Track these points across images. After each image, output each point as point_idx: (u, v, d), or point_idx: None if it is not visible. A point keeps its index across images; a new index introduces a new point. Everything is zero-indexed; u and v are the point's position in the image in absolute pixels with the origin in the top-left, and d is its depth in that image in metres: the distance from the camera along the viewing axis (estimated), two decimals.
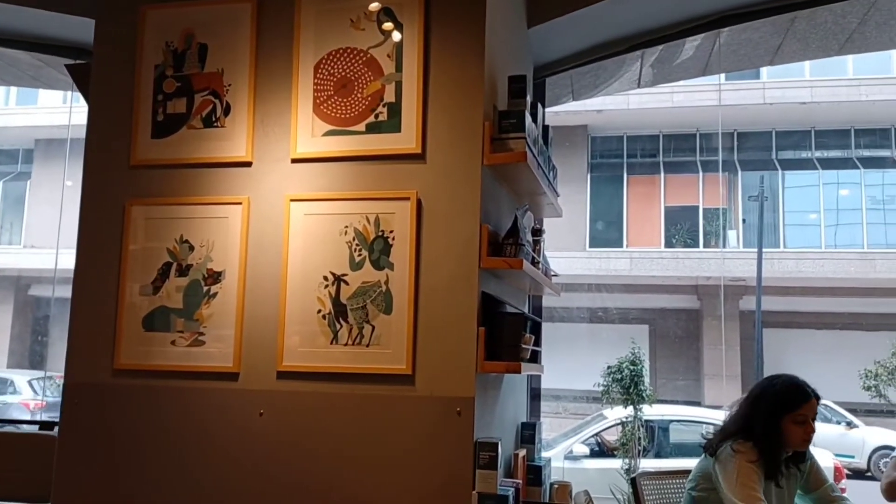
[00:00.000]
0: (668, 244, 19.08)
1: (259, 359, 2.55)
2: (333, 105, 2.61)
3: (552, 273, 3.23)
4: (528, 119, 2.57)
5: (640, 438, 6.53)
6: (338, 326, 2.49)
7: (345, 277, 2.50)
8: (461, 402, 2.36)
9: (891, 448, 11.36)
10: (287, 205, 2.59)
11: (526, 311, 3.25)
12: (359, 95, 2.59)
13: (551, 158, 3.12)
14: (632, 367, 6.59)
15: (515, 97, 2.62)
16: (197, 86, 2.76)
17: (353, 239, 2.51)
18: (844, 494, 2.72)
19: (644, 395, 6.45)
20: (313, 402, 2.49)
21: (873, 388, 6.90)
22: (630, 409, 6.48)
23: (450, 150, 2.49)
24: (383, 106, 2.56)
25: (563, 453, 7.42)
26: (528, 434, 3.05)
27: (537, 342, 2.85)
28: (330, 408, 2.48)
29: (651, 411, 6.80)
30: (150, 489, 2.58)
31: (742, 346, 18.13)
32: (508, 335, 2.45)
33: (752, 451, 2.49)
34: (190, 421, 2.59)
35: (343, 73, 2.61)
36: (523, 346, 2.52)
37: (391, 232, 2.48)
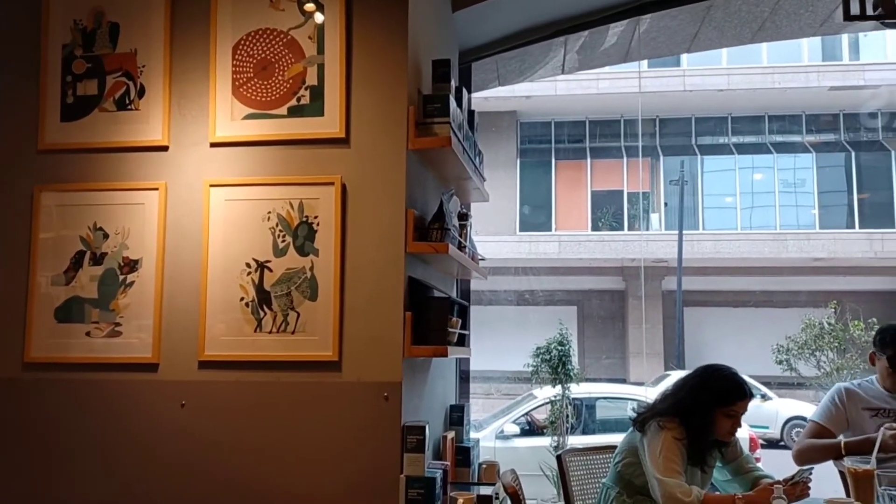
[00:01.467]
0: (595, 227, 19.53)
1: (179, 349, 2.48)
2: (253, 88, 2.54)
3: (479, 257, 3.25)
4: (453, 104, 2.57)
5: (568, 416, 6.68)
6: (262, 314, 2.44)
7: (268, 264, 2.46)
8: (388, 386, 2.36)
9: (802, 418, 12.01)
10: (206, 190, 2.52)
11: (454, 295, 3.27)
12: (280, 78, 2.53)
13: (477, 143, 3.13)
14: (559, 348, 6.72)
15: (440, 81, 2.61)
16: (109, 67, 2.65)
17: (277, 225, 2.47)
18: (759, 464, 2.85)
19: (571, 374, 6.60)
20: (237, 392, 2.44)
21: (785, 362, 7.26)
22: (558, 389, 6.62)
23: (374, 134, 2.47)
24: (305, 89, 2.51)
25: (494, 433, 7.54)
26: (456, 416, 3.07)
27: (464, 325, 2.87)
28: (255, 397, 2.44)
29: (578, 390, 6.96)
30: (65, 488, 2.49)
31: (664, 324, 18.78)
32: (435, 319, 2.46)
33: (679, 428, 2.56)
34: (107, 414, 2.50)
35: (263, 55, 2.55)
36: (450, 329, 2.53)
37: (315, 217, 2.45)
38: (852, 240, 18.19)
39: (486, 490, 2.74)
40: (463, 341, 2.87)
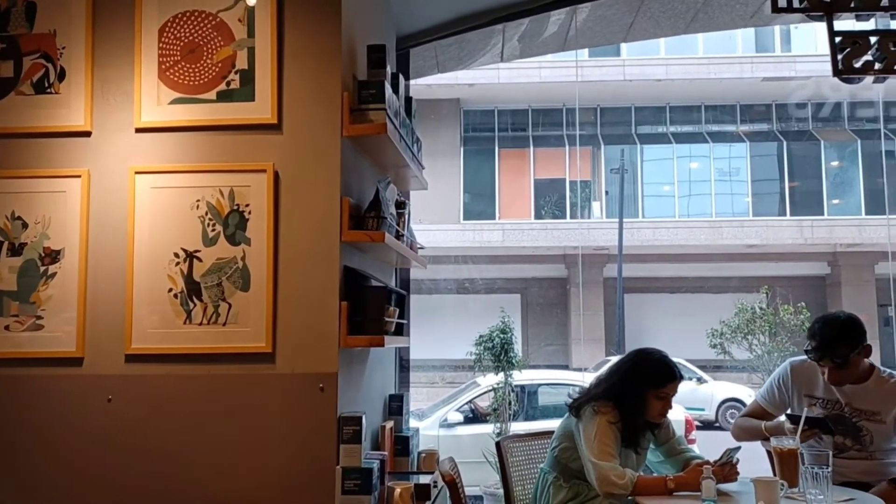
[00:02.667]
0: (538, 216, 19.74)
1: (105, 342, 2.39)
2: (181, 71, 2.46)
3: (418, 245, 3.23)
4: (389, 90, 2.54)
5: (510, 403, 6.73)
6: (191, 305, 2.37)
7: (198, 254, 2.38)
8: (324, 377, 2.32)
9: (736, 400, 12.43)
10: (132, 177, 2.43)
11: (392, 284, 3.24)
12: (208, 62, 2.45)
13: (415, 131, 3.10)
14: (502, 336, 6.75)
15: (375, 67, 2.57)
16: (25, 48, 2.52)
17: (206, 213, 2.40)
18: (692, 446, 2.92)
19: (514, 361, 6.64)
20: (167, 386, 2.37)
21: (719, 346, 7.48)
22: (501, 376, 6.65)
23: (307, 120, 2.42)
24: (235, 73, 2.44)
25: (438, 422, 7.55)
26: (395, 406, 3.06)
27: (403, 315, 2.85)
28: (186, 390, 2.37)
29: (521, 377, 7.01)
30: None
31: (606, 310, 19.14)
32: (372, 309, 2.43)
33: (613, 412, 2.61)
34: (29, 410, 2.40)
35: (190, 38, 2.46)
36: (387, 319, 2.51)
37: (247, 206, 2.39)
38: (783, 227, 18.86)
39: (425, 479, 2.73)
40: (401, 331, 2.86)
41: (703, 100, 19.75)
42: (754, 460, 2.96)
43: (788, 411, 2.76)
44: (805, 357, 2.83)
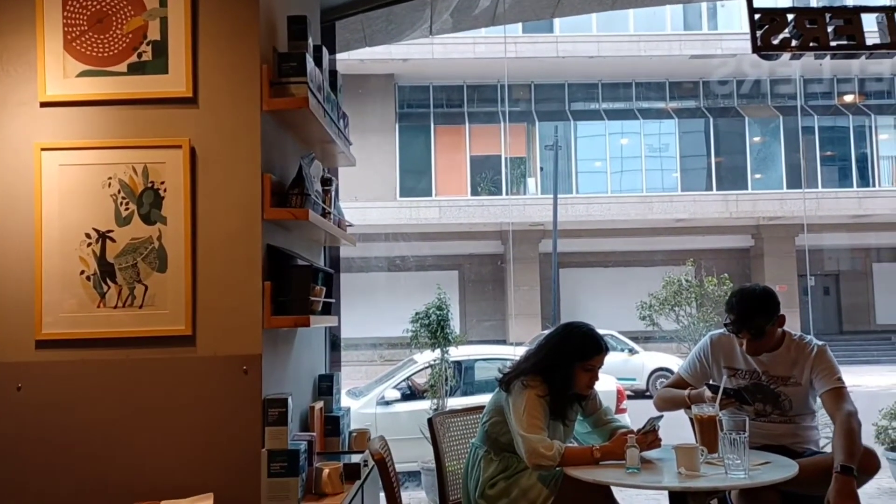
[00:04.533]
0: (475, 192, 19.80)
1: (12, 328, 2.27)
2: (88, 42, 2.33)
3: (347, 223, 3.17)
4: (311, 63, 2.47)
5: (447, 379, 6.75)
6: (105, 288, 2.27)
7: (110, 234, 2.28)
8: (247, 359, 2.27)
9: (665, 369, 12.85)
10: (37, 154, 2.29)
11: (320, 263, 3.18)
12: (118, 32, 2.33)
13: (341, 105, 3.03)
14: (438, 312, 6.74)
15: (296, 39, 2.49)
16: None
17: (119, 191, 2.29)
18: (623, 415, 2.98)
19: (450, 337, 6.65)
20: (81, 372, 2.27)
21: (648, 318, 7.69)
22: (438, 352, 6.66)
23: (225, 94, 2.33)
24: (147, 44, 2.32)
25: (375, 399, 7.53)
26: (325, 386, 3.02)
27: (330, 294, 2.80)
28: (101, 376, 2.27)
29: (457, 352, 7.05)
30: None
31: (541, 285, 19.46)
32: (296, 288, 2.38)
33: (542, 386, 2.64)
34: None
35: (98, 7, 2.33)
36: (313, 298, 2.46)
37: (162, 183, 2.29)
38: (710, 201, 19.47)
39: (355, 458, 2.71)
40: (329, 310, 2.81)
41: (634, 77, 20.10)
42: (678, 428, 3.05)
43: (710, 381, 2.85)
44: (724, 330, 2.91)
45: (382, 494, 2.65)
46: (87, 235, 2.28)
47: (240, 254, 2.29)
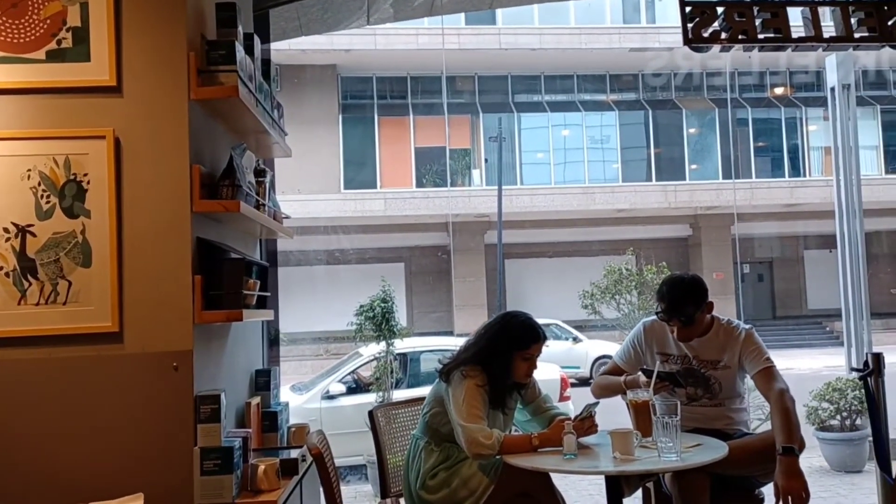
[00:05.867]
0: (420, 184, 19.77)
1: None
2: (2, 28, 2.22)
3: (284, 216, 3.12)
4: (241, 51, 2.41)
5: (392, 371, 6.73)
6: (26, 284, 2.18)
7: (31, 228, 2.19)
8: (178, 356, 2.21)
9: (608, 356, 13.10)
10: None
11: (256, 256, 3.12)
12: (34, 17, 2.23)
13: (275, 96, 2.97)
14: (383, 305, 6.71)
15: (224, 27, 2.43)
16: None
17: (39, 184, 2.20)
18: (567, 402, 3.01)
19: (395, 330, 6.63)
20: (3, 373, 2.17)
21: (590, 307, 7.83)
22: (383, 345, 6.64)
23: (150, 82, 2.25)
24: (67, 30, 2.23)
25: (320, 394, 7.46)
26: (263, 381, 2.97)
27: (265, 287, 2.75)
28: (24, 376, 2.18)
29: (403, 345, 7.04)
30: None
31: (487, 276, 19.57)
32: (229, 282, 2.32)
33: (481, 375, 2.65)
34: None
35: None
36: (246, 292, 2.41)
37: (85, 175, 2.21)
38: (650, 192, 19.90)
39: (294, 454, 2.68)
40: (264, 304, 2.76)
41: (576, 69, 20.34)
42: (615, 413, 3.10)
43: (644, 367, 2.90)
44: (656, 317, 2.97)
45: None
46: (6, 230, 2.18)
47: (168, 247, 2.23)
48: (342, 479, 6.76)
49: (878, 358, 3.11)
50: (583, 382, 12.19)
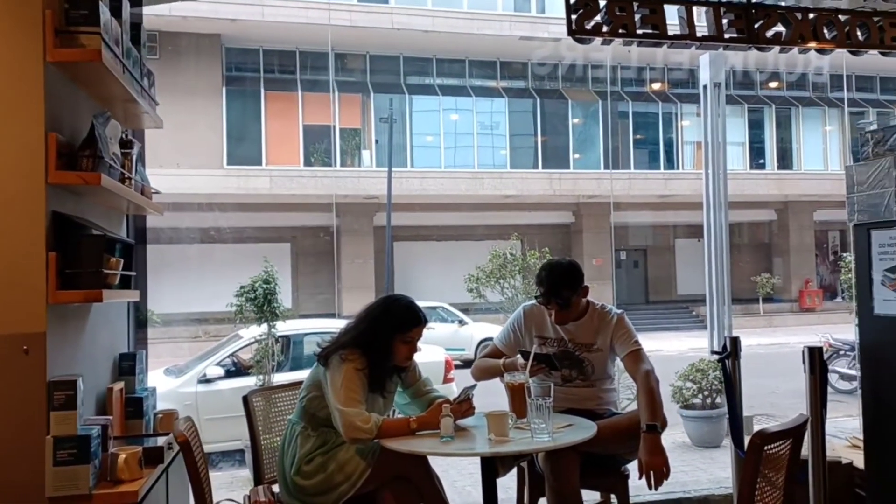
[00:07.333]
0: (307, 163, 19.34)
1: None
2: None
3: (153, 190, 2.94)
4: (106, 12, 2.23)
5: (274, 354, 6.56)
6: None
7: None
8: (28, 338, 2.04)
9: (491, 339, 13.39)
10: None
11: (122, 233, 2.93)
12: None
13: (146, 63, 2.79)
14: (265, 286, 6.52)
15: None
16: None
17: None
18: (450, 384, 3.02)
19: (277, 311, 6.46)
20: None
21: (475, 290, 7.94)
22: (265, 327, 6.45)
23: (0, 41, 2.05)
24: None
25: (196, 377, 7.18)
26: (127, 365, 2.80)
27: (131, 266, 2.59)
28: None
29: (285, 327, 6.88)
30: None
31: (376, 258, 19.49)
32: (87, 260, 2.16)
33: (360, 359, 2.61)
34: None
35: None
36: (108, 271, 2.25)
37: None
38: (536, 179, 20.44)
39: (161, 441, 2.55)
40: (129, 283, 2.60)
41: (468, 54, 20.50)
42: (494, 395, 3.16)
43: (522, 349, 2.97)
44: (535, 302, 3.04)
45: None
46: None
47: (18, 221, 2.05)
48: (217, 465, 6.56)
49: (735, 341, 3.31)
50: (467, 364, 12.40)
